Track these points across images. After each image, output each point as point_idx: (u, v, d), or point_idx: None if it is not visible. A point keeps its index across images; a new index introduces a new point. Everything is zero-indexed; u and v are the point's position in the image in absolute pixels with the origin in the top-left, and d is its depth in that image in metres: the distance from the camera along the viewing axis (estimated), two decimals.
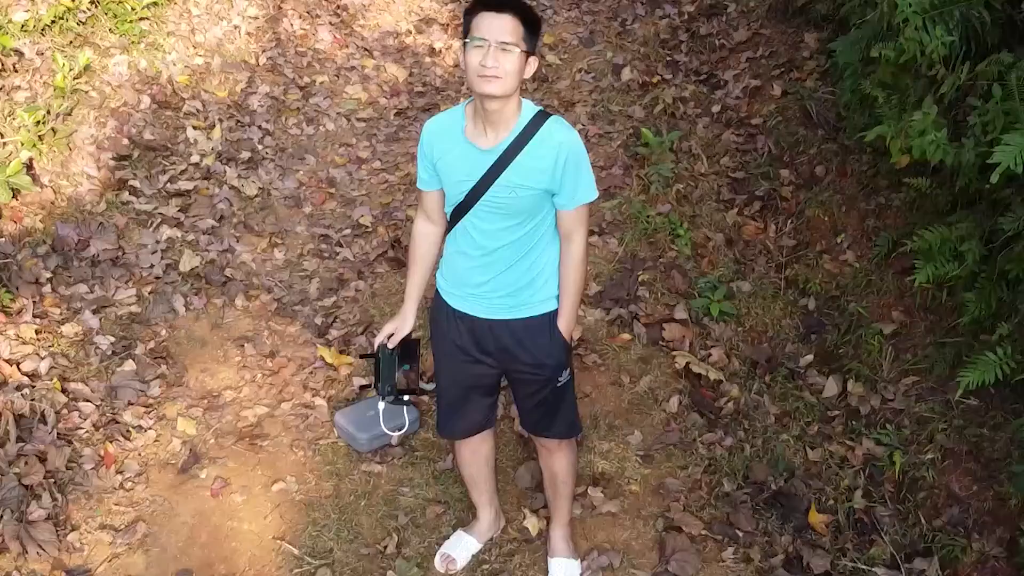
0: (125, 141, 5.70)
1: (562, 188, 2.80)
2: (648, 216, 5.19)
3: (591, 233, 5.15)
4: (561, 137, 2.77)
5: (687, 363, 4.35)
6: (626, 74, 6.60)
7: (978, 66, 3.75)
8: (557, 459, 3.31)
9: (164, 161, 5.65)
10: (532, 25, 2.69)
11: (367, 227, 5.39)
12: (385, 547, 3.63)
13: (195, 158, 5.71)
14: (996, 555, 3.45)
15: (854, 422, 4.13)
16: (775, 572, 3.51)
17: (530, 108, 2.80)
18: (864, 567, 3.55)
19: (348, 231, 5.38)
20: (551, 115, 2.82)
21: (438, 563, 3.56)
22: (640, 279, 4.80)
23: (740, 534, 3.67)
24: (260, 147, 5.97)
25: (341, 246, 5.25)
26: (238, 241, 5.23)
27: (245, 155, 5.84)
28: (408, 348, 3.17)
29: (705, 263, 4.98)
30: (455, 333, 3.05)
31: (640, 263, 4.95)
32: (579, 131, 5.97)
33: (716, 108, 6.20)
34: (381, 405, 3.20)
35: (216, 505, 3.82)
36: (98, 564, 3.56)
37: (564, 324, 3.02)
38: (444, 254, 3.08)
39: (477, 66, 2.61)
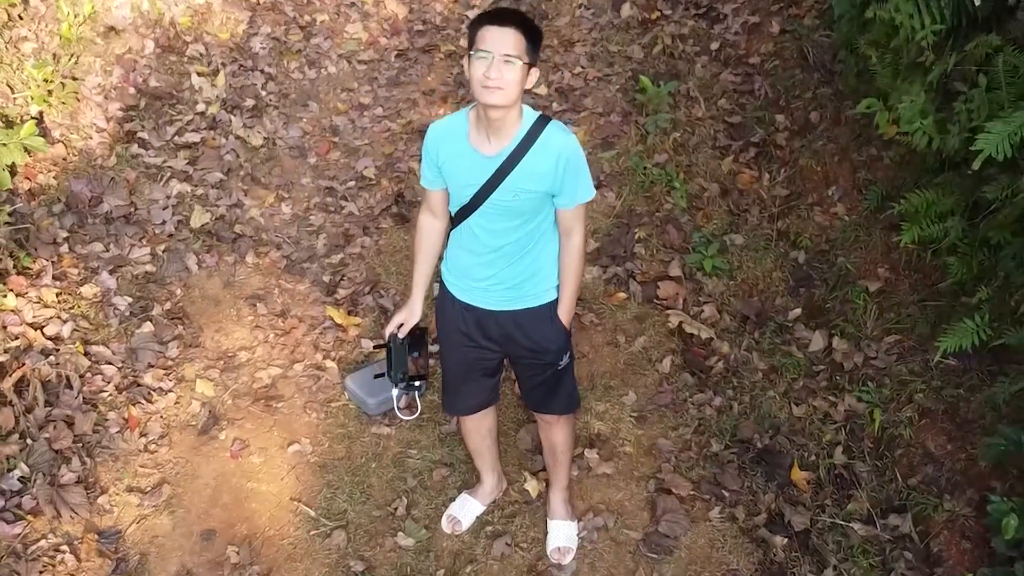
0: (131, 90, 5.80)
1: (562, 190, 2.95)
2: (645, 168, 5.31)
3: None
4: (561, 142, 2.91)
5: (680, 322, 4.54)
6: (626, 10, 6.63)
7: (967, 46, 3.85)
8: (556, 432, 3.54)
9: (171, 110, 5.76)
10: (534, 38, 2.82)
11: (371, 179, 5.52)
12: (395, 509, 3.88)
13: (200, 107, 5.81)
14: (965, 514, 3.68)
15: (838, 377, 4.33)
16: (758, 531, 3.77)
17: (531, 114, 2.94)
18: (842, 523, 3.80)
19: (352, 183, 5.52)
20: (551, 120, 2.96)
21: (444, 524, 3.82)
22: (636, 236, 4.96)
23: (726, 494, 3.91)
24: (264, 93, 6.06)
25: (346, 200, 5.39)
26: (246, 195, 5.37)
27: (249, 102, 5.94)
28: (417, 337, 3.37)
29: (700, 216, 5.12)
30: (460, 322, 3.24)
31: (637, 218, 5.10)
32: (578, 74, 6.11)
33: (715, 45, 6.25)
34: (395, 392, 3.41)
35: (236, 467, 4.06)
36: (127, 525, 3.83)
37: (564, 313, 3.21)
38: (449, 248, 3.24)
39: (481, 77, 2.74)
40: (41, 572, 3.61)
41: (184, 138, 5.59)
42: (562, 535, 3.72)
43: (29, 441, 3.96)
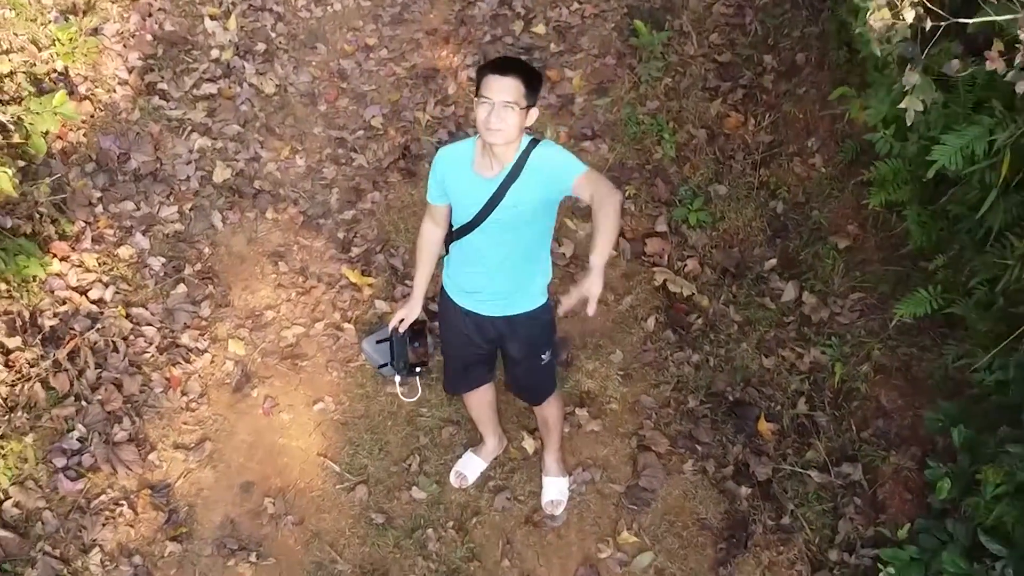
0: (148, 37, 6.08)
1: (553, 181, 3.24)
2: (637, 118, 5.63)
3: (584, 137, 5.65)
4: (540, 152, 3.27)
5: (664, 279, 4.97)
6: None
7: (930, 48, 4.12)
8: (545, 410, 4.08)
9: (186, 57, 6.05)
10: (532, 83, 3.20)
11: (378, 129, 5.85)
12: (409, 465, 4.42)
13: (215, 52, 6.08)
14: (909, 468, 4.21)
15: (805, 328, 4.80)
16: (726, 483, 4.31)
17: (525, 139, 3.30)
18: (800, 470, 4.33)
19: (361, 132, 5.84)
20: (539, 140, 3.33)
21: (453, 480, 4.38)
22: (627, 193, 5.33)
23: (699, 447, 4.43)
24: (273, 35, 6.30)
25: (356, 152, 5.73)
26: (262, 147, 5.71)
27: (260, 46, 6.20)
28: (417, 330, 3.83)
29: (688, 167, 5.48)
30: (459, 323, 3.71)
31: (628, 172, 5.46)
32: (575, 10, 6.35)
33: None
34: (398, 379, 3.89)
35: (268, 423, 4.59)
36: (175, 479, 4.38)
37: (597, 258, 2.97)
38: (450, 259, 3.66)
39: (484, 120, 3.15)
40: (104, 524, 4.18)
41: (202, 89, 5.89)
42: (554, 490, 4.28)
43: (84, 403, 4.48)
